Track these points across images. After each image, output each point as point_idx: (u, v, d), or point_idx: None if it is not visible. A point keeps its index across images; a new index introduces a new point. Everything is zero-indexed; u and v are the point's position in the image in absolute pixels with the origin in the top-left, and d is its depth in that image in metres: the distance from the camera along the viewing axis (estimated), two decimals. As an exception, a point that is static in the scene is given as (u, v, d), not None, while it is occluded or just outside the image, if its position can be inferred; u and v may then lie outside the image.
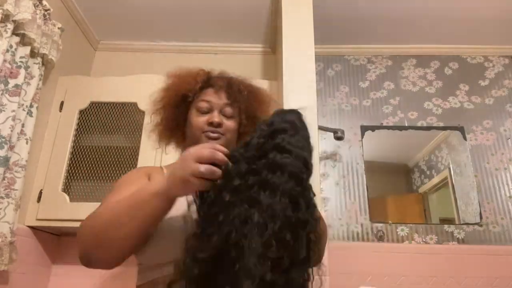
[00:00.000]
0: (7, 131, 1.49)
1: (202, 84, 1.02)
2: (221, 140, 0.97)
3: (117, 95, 1.98)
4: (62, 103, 1.95)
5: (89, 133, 1.94)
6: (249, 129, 1.03)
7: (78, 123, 1.93)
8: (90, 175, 1.85)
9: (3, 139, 1.48)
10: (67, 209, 1.74)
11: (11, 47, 1.54)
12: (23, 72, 1.58)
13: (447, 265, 1.94)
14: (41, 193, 1.78)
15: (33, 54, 1.67)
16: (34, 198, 1.77)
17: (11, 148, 1.53)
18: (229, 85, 1.02)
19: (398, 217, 2.10)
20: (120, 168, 1.86)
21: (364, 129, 2.30)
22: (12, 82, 1.55)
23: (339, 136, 2.09)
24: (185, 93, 1.01)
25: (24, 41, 1.61)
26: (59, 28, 1.83)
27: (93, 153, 1.89)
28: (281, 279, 0.58)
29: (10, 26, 1.51)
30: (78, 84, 2.02)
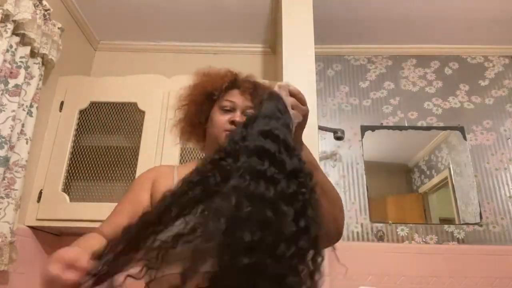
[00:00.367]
0: (7, 131, 1.49)
1: (228, 84, 1.03)
2: None
3: (117, 95, 1.98)
4: (62, 103, 1.95)
5: (89, 133, 1.94)
6: None
7: (78, 123, 1.93)
8: (90, 175, 1.85)
9: (3, 139, 1.48)
10: (67, 209, 1.74)
11: (11, 47, 1.54)
12: (23, 72, 1.58)
13: (447, 265, 1.94)
14: (41, 193, 1.78)
15: (33, 54, 1.67)
16: (34, 198, 1.77)
17: (11, 148, 1.53)
18: (255, 89, 1.02)
19: (398, 217, 2.10)
20: (120, 168, 1.86)
21: (364, 129, 2.30)
22: (12, 82, 1.55)
23: (339, 136, 2.09)
24: (211, 91, 1.01)
25: (24, 41, 1.61)
26: (59, 28, 1.83)
27: (93, 153, 1.89)
28: (263, 259, 0.50)
29: (10, 26, 1.51)
30: (78, 84, 2.02)
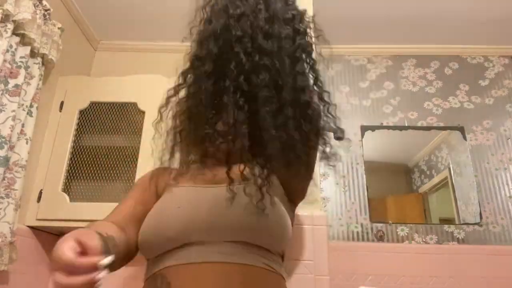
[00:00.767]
0: (7, 131, 1.49)
1: None
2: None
3: (117, 95, 1.98)
4: (62, 103, 1.95)
5: (89, 133, 1.94)
6: None
7: (78, 123, 1.93)
8: (90, 175, 1.85)
9: (3, 139, 1.48)
10: (67, 209, 1.74)
11: (11, 47, 1.53)
12: (23, 72, 1.58)
13: (447, 265, 1.94)
14: (41, 193, 1.78)
15: (33, 54, 1.67)
16: (34, 198, 1.77)
17: (11, 148, 1.53)
18: None
19: (398, 217, 2.10)
20: (120, 168, 1.86)
21: (364, 129, 2.30)
22: (12, 82, 1.55)
23: (339, 136, 2.09)
24: None
25: (24, 41, 1.61)
26: (59, 28, 1.83)
27: (93, 153, 1.89)
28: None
29: (10, 26, 1.51)
30: (78, 84, 2.02)
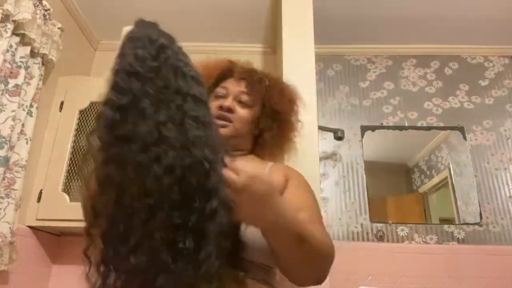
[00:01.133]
0: (7, 131, 1.49)
1: (223, 71, 0.99)
2: (227, 128, 0.90)
3: (117, 95, 1.98)
4: (62, 103, 1.95)
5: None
6: (270, 124, 0.97)
7: (78, 123, 1.93)
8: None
9: (3, 139, 1.48)
10: (67, 209, 1.74)
11: (11, 47, 1.53)
12: (23, 72, 1.58)
13: (447, 265, 1.94)
14: (41, 193, 1.78)
15: (33, 54, 1.67)
16: (34, 198, 1.77)
17: (11, 148, 1.53)
18: (250, 74, 0.99)
19: (398, 217, 2.10)
20: (120, 168, 1.86)
21: (364, 129, 2.30)
22: (12, 82, 1.55)
23: (339, 136, 2.09)
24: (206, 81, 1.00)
25: (24, 41, 1.61)
26: (59, 28, 1.83)
27: (93, 153, 1.89)
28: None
29: (10, 26, 1.51)
30: (78, 84, 2.01)
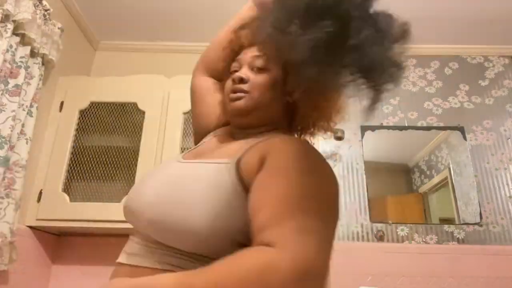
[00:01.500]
0: (7, 131, 1.49)
1: (232, 48, 0.84)
2: (244, 100, 0.74)
3: (117, 95, 1.98)
4: (62, 103, 1.95)
5: (89, 133, 1.94)
6: (298, 80, 0.70)
7: (78, 123, 1.93)
8: (90, 175, 1.85)
9: (3, 139, 1.48)
10: (67, 209, 1.74)
11: (11, 47, 1.54)
12: (23, 72, 1.58)
13: (447, 265, 1.94)
14: (41, 193, 1.78)
15: (33, 54, 1.67)
16: (34, 198, 1.77)
17: (11, 148, 1.53)
18: (257, 36, 0.78)
19: (398, 217, 2.10)
20: (120, 168, 1.86)
21: (364, 129, 2.30)
22: (12, 82, 1.55)
23: (339, 136, 2.09)
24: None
25: (24, 41, 1.61)
26: (59, 28, 1.83)
27: (93, 153, 1.89)
28: None
29: (10, 26, 1.51)
30: (78, 84, 2.02)
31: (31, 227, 1.76)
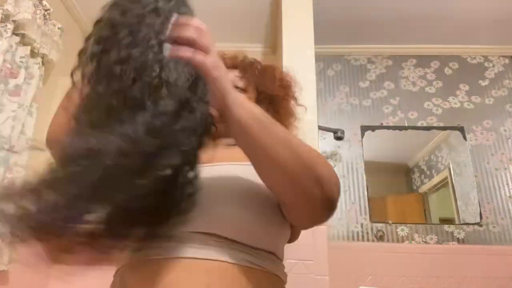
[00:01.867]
0: (7, 131, 1.49)
1: None
2: None
3: (117, 95, 1.98)
4: (62, 103, 1.95)
5: (89, 133, 1.94)
6: (265, 109, 0.82)
7: (78, 123, 1.93)
8: (90, 175, 1.85)
9: (3, 139, 1.48)
10: (67, 209, 1.74)
11: (11, 47, 1.54)
12: (23, 72, 1.58)
13: (447, 265, 1.94)
14: (41, 193, 1.78)
15: (33, 54, 1.67)
16: (34, 198, 1.77)
17: (11, 148, 1.53)
18: (240, 60, 0.94)
19: (398, 217, 2.10)
20: (120, 168, 1.86)
21: (364, 129, 2.30)
22: (12, 82, 1.55)
23: (339, 136, 2.09)
24: None
25: (24, 41, 1.61)
26: (59, 28, 1.83)
27: (93, 153, 1.89)
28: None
29: (10, 26, 1.51)
30: (78, 84, 2.01)
31: (31, 227, 1.76)
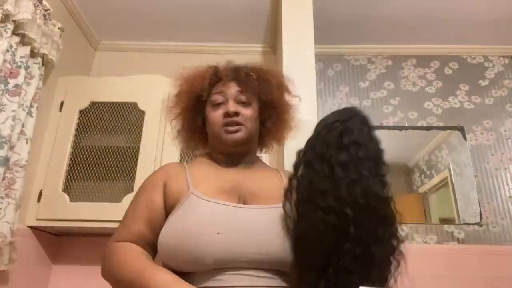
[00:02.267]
0: (7, 131, 1.49)
1: (210, 79, 0.97)
2: (242, 132, 0.91)
3: (117, 95, 1.98)
4: (62, 103, 1.95)
5: (89, 133, 1.94)
6: (271, 114, 0.98)
7: (78, 123, 1.93)
8: (90, 175, 1.85)
9: (3, 139, 1.48)
10: (67, 209, 1.74)
11: (11, 47, 1.53)
12: (23, 72, 1.58)
13: (447, 265, 1.94)
14: (41, 193, 1.78)
15: (33, 54, 1.67)
16: (34, 198, 1.77)
17: (11, 148, 1.53)
18: (236, 73, 0.98)
19: (398, 217, 2.09)
20: (120, 168, 1.86)
21: (364, 129, 2.30)
22: (12, 82, 1.55)
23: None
24: (198, 94, 0.96)
25: (24, 41, 1.61)
26: (59, 28, 1.83)
27: (93, 153, 1.89)
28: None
29: (10, 26, 1.51)
30: (78, 84, 2.02)
31: (31, 227, 1.76)
